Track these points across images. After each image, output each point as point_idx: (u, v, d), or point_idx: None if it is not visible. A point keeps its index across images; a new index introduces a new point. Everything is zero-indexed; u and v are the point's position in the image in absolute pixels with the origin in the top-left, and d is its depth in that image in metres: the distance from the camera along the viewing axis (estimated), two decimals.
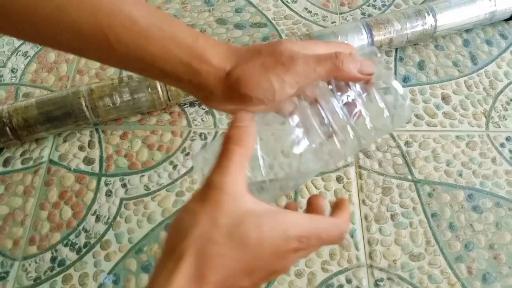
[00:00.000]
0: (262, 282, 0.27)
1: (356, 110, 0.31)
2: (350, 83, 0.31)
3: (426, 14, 0.64)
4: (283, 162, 0.31)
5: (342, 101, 0.31)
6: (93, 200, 0.57)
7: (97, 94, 0.58)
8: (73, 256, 0.53)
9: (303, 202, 0.56)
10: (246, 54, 0.30)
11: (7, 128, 0.57)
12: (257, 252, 0.25)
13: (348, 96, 0.31)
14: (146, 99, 0.59)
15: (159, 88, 0.59)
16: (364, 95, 0.31)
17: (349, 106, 0.31)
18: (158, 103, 0.60)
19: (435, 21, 0.65)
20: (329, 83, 0.31)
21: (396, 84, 0.32)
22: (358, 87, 0.31)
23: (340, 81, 0.31)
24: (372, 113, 0.31)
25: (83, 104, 0.57)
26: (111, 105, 0.58)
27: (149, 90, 0.59)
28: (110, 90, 0.58)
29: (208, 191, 0.26)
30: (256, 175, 0.30)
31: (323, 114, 0.30)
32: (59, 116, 0.57)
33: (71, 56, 0.70)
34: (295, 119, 0.31)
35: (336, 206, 0.31)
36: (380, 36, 0.64)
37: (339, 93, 0.31)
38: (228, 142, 0.27)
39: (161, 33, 0.29)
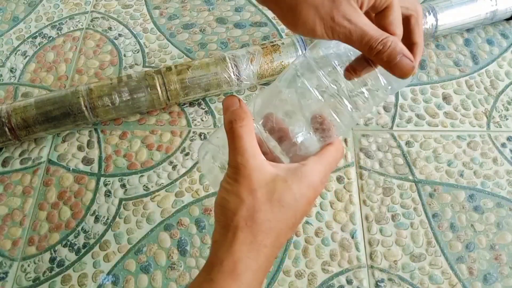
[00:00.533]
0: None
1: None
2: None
3: (427, 14, 0.64)
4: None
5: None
6: (92, 200, 0.57)
7: (96, 94, 0.58)
8: (72, 256, 0.53)
9: None
10: None
11: (6, 128, 0.57)
12: (295, 209, 0.30)
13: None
14: (145, 98, 0.59)
15: (158, 88, 0.59)
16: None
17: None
18: (158, 103, 0.60)
19: (436, 20, 0.64)
20: None
21: None
22: None
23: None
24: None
25: (82, 103, 0.57)
26: (110, 104, 0.58)
27: (148, 89, 0.58)
28: (109, 89, 0.58)
29: (236, 171, 0.30)
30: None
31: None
32: (58, 116, 0.57)
33: (70, 56, 0.70)
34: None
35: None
36: None
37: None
38: (229, 125, 0.31)
39: None
